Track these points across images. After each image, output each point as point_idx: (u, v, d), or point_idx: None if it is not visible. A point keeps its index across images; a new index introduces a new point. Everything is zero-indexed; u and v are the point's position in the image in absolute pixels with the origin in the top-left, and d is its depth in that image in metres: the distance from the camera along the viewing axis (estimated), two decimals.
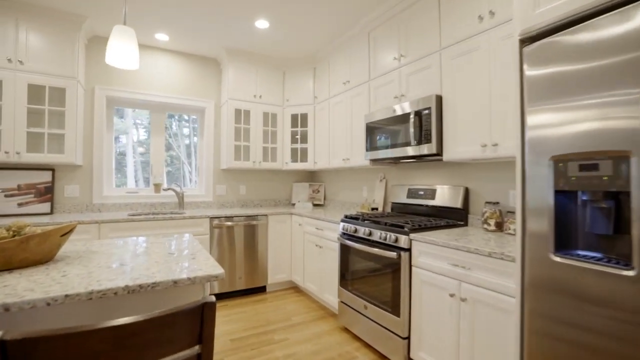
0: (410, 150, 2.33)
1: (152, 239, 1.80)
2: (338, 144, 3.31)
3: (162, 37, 3.24)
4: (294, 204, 4.15)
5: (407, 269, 1.99)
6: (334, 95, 3.39)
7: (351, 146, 3.10)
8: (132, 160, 3.62)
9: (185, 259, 1.34)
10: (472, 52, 2.00)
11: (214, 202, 3.73)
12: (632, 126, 1.00)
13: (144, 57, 3.42)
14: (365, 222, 2.40)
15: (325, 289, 2.93)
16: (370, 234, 2.30)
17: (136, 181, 3.60)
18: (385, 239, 2.15)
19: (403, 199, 2.81)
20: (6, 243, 1.12)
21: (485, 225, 2.09)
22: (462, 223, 2.32)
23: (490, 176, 2.23)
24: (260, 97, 3.68)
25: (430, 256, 1.87)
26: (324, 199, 4.10)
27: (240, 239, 3.26)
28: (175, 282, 1.08)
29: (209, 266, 1.23)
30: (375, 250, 2.19)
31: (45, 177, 2.94)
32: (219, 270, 1.18)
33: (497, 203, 2.10)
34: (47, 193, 2.93)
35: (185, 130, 3.99)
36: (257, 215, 3.33)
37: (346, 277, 2.55)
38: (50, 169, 2.97)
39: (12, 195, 2.81)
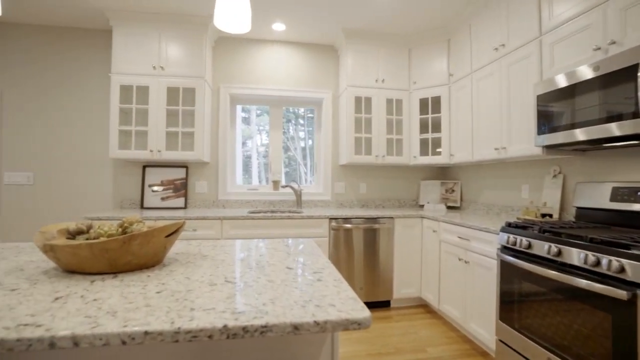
0: (631, 127, 1.46)
1: (269, 243, 1.50)
2: (486, 130, 2.55)
3: (278, 27, 3.10)
4: (421, 206, 3.51)
5: None
6: (478, 68, 2.64)
7: (508, 131, 2.31)
8: (256, 162, 3.67)
9: (308, 282, 0.94)
10: None
11: (332, 201, 3.43)
12: None
13: (261, 50, 3.37)
14: (546, 234, 1.64)
15: (471, 316, 2.23)
16: (559, 253, 1.53)
17: (259, 181, 3.62)
18: (596, 264, 1.36)
19: (601, 202, 1.89)
20: (108, 243, 0.92)
21: None
22: None
23: None
24: (383, 81, 3.19)
25: None
26: (461, 200, 3.32)
27: (359, 244, 2.84)
28: (295, 327, 0.67)
29: (344, 300, 0.79)
30: (576, 281, 1.42)
31: (180, 173, 3.12)
32: (362, 312, 0.72)
33: None
34: (182, 189, 3.10)
35: (301, 134, 3.88)
36: (379, 218, 2.85)
37: (511, 309, 1.82)
38: (184, 166, 3.15)
39: (157, 190, 3.06)
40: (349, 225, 2.80)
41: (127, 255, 0.96)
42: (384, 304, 2.94)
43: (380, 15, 2.88)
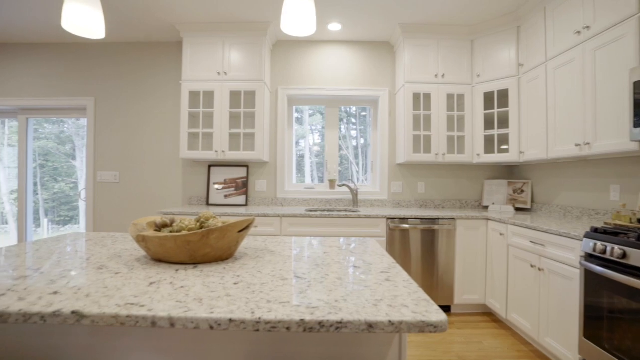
0: None
1: (331, 242, 1.52)
2: (564, 124, 2.29)
3: (334, 27, 3.11)
4: (486, 207, 3.28)
5: None
6: (555, 55, 2.38)
7: (593, 124, 2.05)
8: (309, 161, 3.75)
9: (377, 282, 0.93)
10: None
11: (389, 200, 3.36)
12: None
13: (317, 51, 3.41)
14: None
15: (546, 330, 2.03)
16: None
17: (312, 180, 3.69)
18: None
19: None
20: (190, 236, 1.01)
21: None
22: None
23: None
24: (443, 76, 3.05)
25: None
26: (531, 201, 3.04)
27: (417, 245, 2.74)
28: (370, 325, 0.67)
29: (417, 302, 0.77)
30: None
31: (242, 172, 3.30)
32: (438, 315, 0.70)
33: None
34: (243, 187, 3.28)
35: (353, 133, 3.87)
36: (439, 219, 2.72)
37: (599, 326, 1.62)
38: (245, 165, 3.32)
39: (221, 188, 3.27)
40: (406, 226, 2.72)
41: (206, 247, 1.04)
42: (444, 310, 2.81)
43: (441, 8, 2.75)
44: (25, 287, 0.84)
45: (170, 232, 1.14)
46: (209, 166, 3.33)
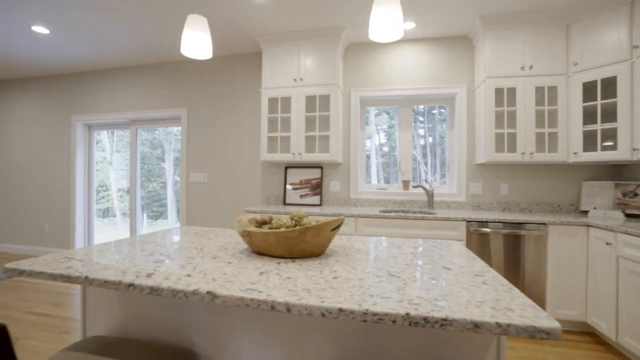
0: None
1: (414, 243, 1.52)
2: None
3: (408, 25, 3.06)
4: (584, 212, 2.92)
5: None
6: None
7: None
8: (375, 161, 3.74)
9: (473, 284, 0.92)
10: None
11: (467, 202, 3.19)
12: None
13: (389, 52, 3.39)
14: None
15: None
16: None
17: (378, 180, 3.67)
18: None
19: None
20: (290, 232, 1.11)
21: None
22: None
23: None
24: (531, 67, 2.79)
25: None
26: None
27: (499, 251, 2.56)
28: (476, 325, 0.67)
29: (523, 307, 0.75)
30: None
31: (316, 173, 3.43)
32: (549, 322, 0.67)
33: None
34: (317, 187, 3.41)
35: (421, 131, 3.75)
36: (527, 223, 2.50)
37: None
38: (320, 166, 3.45)
39: (296, 189, 3.46)
40: (487, 230, 2.56)
41: (302, 243, 1.14)
42: None
43: None
44: (165, 269, 1.02)
45: (270, 228, 1.27)
46: (285, 167, 3.54)
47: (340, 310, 0.73)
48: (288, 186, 3.48)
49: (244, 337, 1.08)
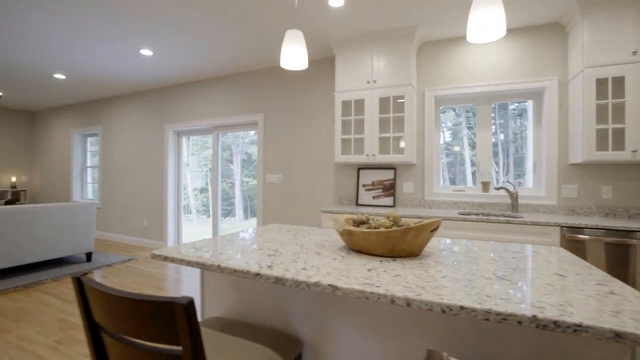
0: None
1: (511, 247, 1.46)
2: None
3: None
4: None
5: None
6: None
7: None
8: (440, 161, 3.60)
9: (597, 292, 0.88)
10: None
11: (559, 206, 2.92)
12: None
13: (465, 47, 3.25)
14: None
15: None
16: None
17: (442, 181, 3.52)
18: None
19: None
20: (392, 232, 1.17)
21: None
22: None
23: None
24: None
25: None
26: None
27: (599, 261, 2.30)
28: (617, 334, 0.66)
29: None
30: None
31: (389, 174, 3.44)
32: None
33: None
34: (390, 189, 3.41)
35: (492, 128, 3.49)
36: (638, 232, 2.21)
37: None
38: (393, 167, 3.45)
39: (369, 190, 3.50)
40: (584, 237, 2.32)
41: (403, 243, 1.19)
42: None
43: None
44: (280, 262, 1.15)
45: (368, 228, 1.34)
46: (358, 169, 3.60)
47: (462, 307, 0.77)
48: (362, 187, 3.54)
49: (346, 329, 1.16)
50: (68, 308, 2.88)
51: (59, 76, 4.81)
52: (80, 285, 0.91)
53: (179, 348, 0.92)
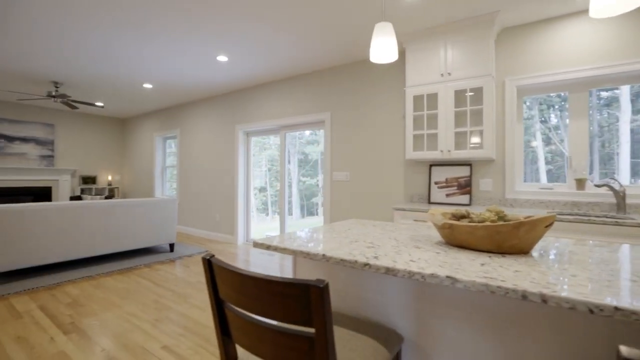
0: None
1: (630, 248, 1.29)
2: None
3: None
4: None
5: None
6: None
7: None
8: (522, 157, 3.29)
9: None
10: None
11: None
12: None
13: (552, 30, 2.94)
14: None
15: None
16: None
17: (523, 179, 3.22)
18: None
19: None
20: (502, 226, 1.10)
21: None
22: None
23: None
24: None
25: None
26: None
27: None
28: None
29: None
30: None
31: (464, 171, 3.26)
32: None
33: None
34: (466, 186, 3.23)
35: (568, 121, 3.09)
36: None
37: None
38: (468, 164, 3.26)
39: (441, 187, 3.36)
40: None
41: (514, 239, 1.11)
42: None
43: None
44: (384, 254, 1.15)
45: (470, 222, 1.28)
46: (430, 165, 3.47)
47: (616, 309, 0.69)
48: (434, 185, 3.41)
49: (449, 326, 1.12)
50: (160, 291, 3.21)
51: (147, 85, 5.39)
52: (209, 265, 1.00)
53: (311, 330, 0.97)
